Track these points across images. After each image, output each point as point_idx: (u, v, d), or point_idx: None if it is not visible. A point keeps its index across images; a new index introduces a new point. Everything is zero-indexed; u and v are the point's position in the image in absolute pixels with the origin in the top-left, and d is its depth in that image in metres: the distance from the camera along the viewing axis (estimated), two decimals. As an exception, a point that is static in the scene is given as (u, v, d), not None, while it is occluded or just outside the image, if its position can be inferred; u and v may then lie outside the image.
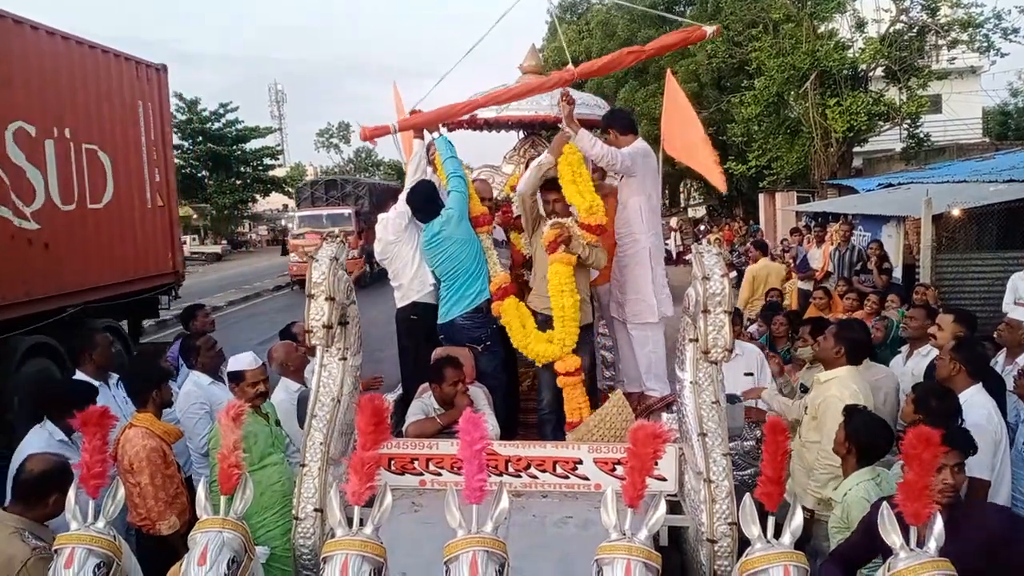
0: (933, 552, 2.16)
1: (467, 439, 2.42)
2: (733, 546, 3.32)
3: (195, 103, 39.47)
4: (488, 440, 2.45)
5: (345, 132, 68.55)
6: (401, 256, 5.29)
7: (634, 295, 5.17)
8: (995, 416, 4.04)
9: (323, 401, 3.82)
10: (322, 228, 23.27)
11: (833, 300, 8.47)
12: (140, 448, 4.08)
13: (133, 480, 4.06)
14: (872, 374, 4.85)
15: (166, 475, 4.17)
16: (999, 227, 12.15)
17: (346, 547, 2.35)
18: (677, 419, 4.05)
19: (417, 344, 5.28)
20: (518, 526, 3.72)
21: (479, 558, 2.27)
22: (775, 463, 2.38)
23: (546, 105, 5.60)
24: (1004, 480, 4.04)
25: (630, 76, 27.23)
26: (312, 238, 22.65)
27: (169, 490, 4.16)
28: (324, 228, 23.08)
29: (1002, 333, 5.27)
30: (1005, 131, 33.81)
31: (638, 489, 2.37)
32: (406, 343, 5.43)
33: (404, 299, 5.33)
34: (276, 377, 5.07)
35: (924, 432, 2.23)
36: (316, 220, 24.94)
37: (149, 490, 4.07)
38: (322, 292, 3.74)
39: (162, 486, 4.12)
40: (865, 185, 18.12)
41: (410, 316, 5.33)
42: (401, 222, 5.28)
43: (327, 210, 25.55)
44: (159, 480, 4.11)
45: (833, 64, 19.06)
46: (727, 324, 3.61)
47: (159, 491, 4.09)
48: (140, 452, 4.07)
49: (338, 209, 25.44)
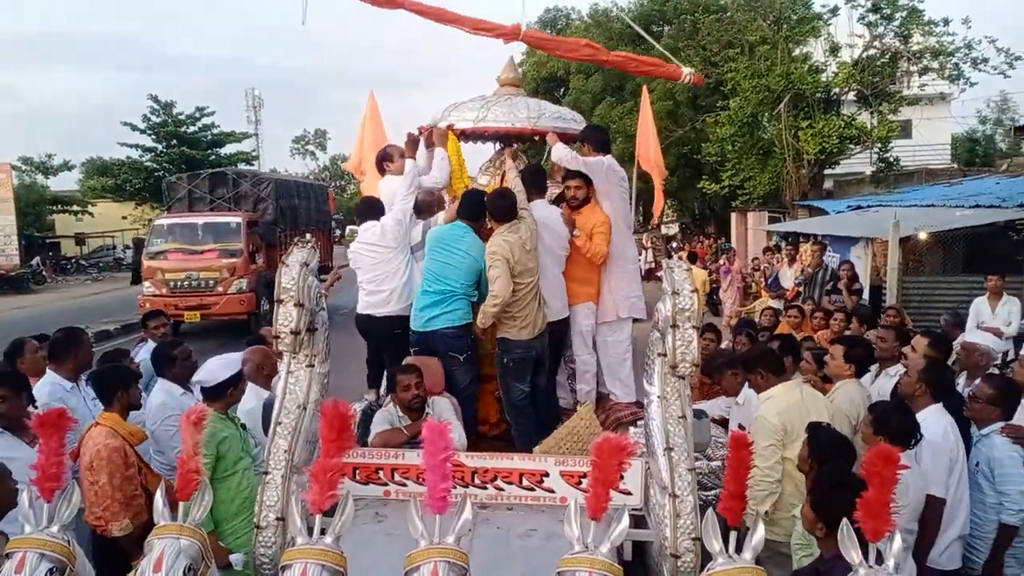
0: (891, 569, 2.18)
1: (431, 448, 2.40)
2: (696, 561, 3.33)
3: (170, 106, 39.07)
4: (452, 450, 2.43)
5: (322, 139, 68.48)
6: (391, 262, 5.23)
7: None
8: (952, 435, 4.11)
9: (288, 408, 3.78)
10: (196, 245, 16.55)
11: (805, 319, 8.57)
12: (102, 447, 4.02)
13: (92, 478, 3.99)
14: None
15: (125, 476, 4.10)
16: (965, 251, 12.41)
17: (305, 556, 2.32)
18: (644, 433, 4.06)
19: (404, 354, 5.25)
20: (483, 538, 3.70)
21: (440, 569, 2.25)
22: (737, 478, 2.39)
23: (523, 117, 5.61)
24: (963, 501, 4.09)
25: (607, 93, 27.46)
26: (178, 259, 16.30)
27: (126, 491, 4.09)
28: (199, 245, 16.53)
29: (960, 357, 5.37)
30: (973, 157, 34.54)
31: (602, 502, 2.37)
32: (396, 350, 5.34)
33: (383, 307, 5.25)
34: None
35: (884, 450, 2.26)
36: (187, 232, 16.82)
37: (107, 490, 4.00)
38: (291, 297, 3.71)
39: (119, 487, 4.04)
40: (835, 207, 18.37)
41: (395, 330, 5.26)
42: (400, 230, 5.23)
43: (205, 217, 17.39)
44: (117, 480, 4.04)
45: (807, 87, 19.36)
46: (695, 339, 3.64)
47: (116, 491, 4.02)
48: (102, 451, 4.01)
49: (222, 216, 17.36)
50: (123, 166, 39.17)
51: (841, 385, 4.91)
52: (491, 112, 5.57)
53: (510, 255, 4.71)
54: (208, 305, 15.93)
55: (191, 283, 16.09)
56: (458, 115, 5.65)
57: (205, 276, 16.09)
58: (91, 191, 42.31)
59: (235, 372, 4.37)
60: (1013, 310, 8.25)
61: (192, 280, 16.10)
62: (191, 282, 16.09)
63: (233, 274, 16.12)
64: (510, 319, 4.82)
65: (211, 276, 16.08)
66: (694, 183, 25.47)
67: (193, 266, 16.19)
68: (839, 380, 4.97)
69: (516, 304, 4.79)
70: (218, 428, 4.09)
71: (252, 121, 54.92)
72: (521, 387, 4.93)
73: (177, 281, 16.11)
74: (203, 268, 16.13)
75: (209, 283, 16.03)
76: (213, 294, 15.99)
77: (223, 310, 16.07)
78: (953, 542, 4.07)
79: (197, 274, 16.11)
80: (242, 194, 18.59)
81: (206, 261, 16.26)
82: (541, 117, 5.54)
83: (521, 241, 4.79)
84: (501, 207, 4.92)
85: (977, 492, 4.18)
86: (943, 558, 4.05)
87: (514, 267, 4.72)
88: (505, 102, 5.66)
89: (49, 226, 40.95)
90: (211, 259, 16.28)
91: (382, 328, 5.30)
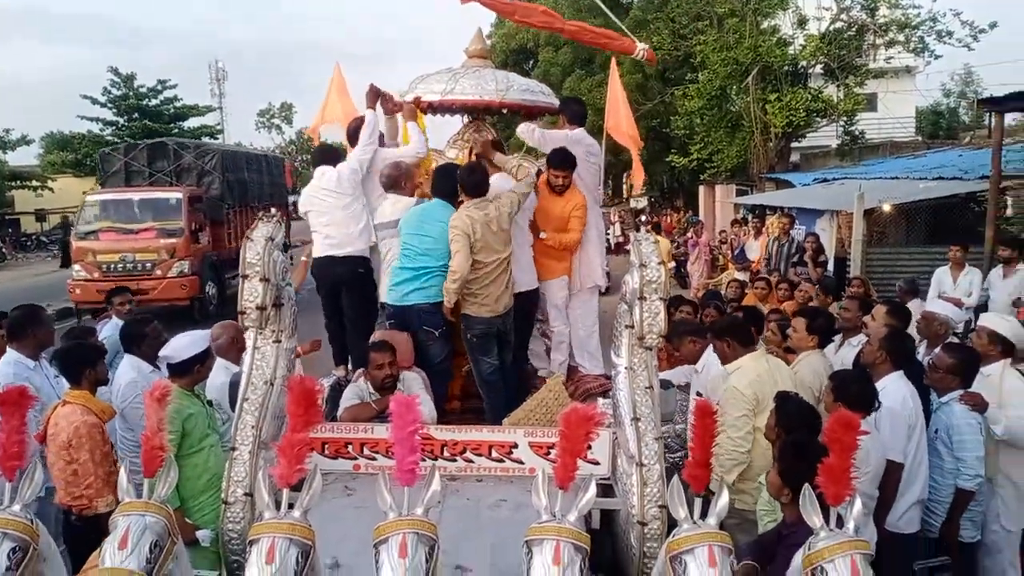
0: (852, 532, 2.23)
1: (399, 422, 2.41)
2: (663, 528, 3.38)
3: (131, 78, 38.20)
4: (420, 422, 2.44)
5: (288, 112, 67.32)
6: (348, 208, 5.21)
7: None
8: (911, 402, 4.19)
9: (255, 384, 3.77)
10: (132, 223, 15.07)
11: (772, 291, 8.67)
12: (80, 424, 3.97)
13: (71, 456, 3.95)
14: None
15: (104, 452, 4.07)
16: (927, 223, 12.61)
17: (273, 530, 2.32)
18: (612, 404, 4.10)
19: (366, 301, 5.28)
20: (452, 509, 3.74)
21: (409, 540, 2.26)
22: (703, 446, 2.43)
23: (491, 90, 5.58)
24: (920, 468, 4.18)
25: (577, 65, 27.33)
26: (112, 240, 14.78)
27: (107, 467, 4.06)
28: (135, 224, 15.06)
29: (919, 326, 5.48)
30: (937, 130, 35.00)
31: (569, 471, 2.39)
32: (361, 296, 5.36)
33: (345, 248, 5.22)
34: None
35: (844, 416, 2.31)
36: (122, 210, 15.32)
37: (89, 467, 3.96)
38: (256, 272, 3.68)
39: (101, 463, 4.01)
40: (801, 179, 18.58)
41: (358, 270, 5.26)
42: (356, 178, 5.22)
43: (142, 193, 15.87)
44: (98, 456, 4.00)
45: (774, 60, 19.45)
46: (662, 311, 3.68)
47: (98, 468, 3.98)
48: (80, 428, 3.96)
49: (161, 192, 15.87)
50: (83, 140, 38.25)
51: (804, 356, 4.99)
52: (459, 84, 5.53)
53: (471, 231, 4.67)
54: (145, 290, 13.95)
55: (126, 266, 14.53)
56: (425, 87, 5.60)
57: (142, 258, 14.61)
58: (51, 166, 41.27)
59: (202, 349, 4.33)
60: (974, 280, 8.41)
61: (127, 263, 14.57)
62: (126, 265, 14.54)
63: (173, 255, 14.68)
64: (471, 296, 4.82)
65: (148, 258, 14.61)
66: (663, 156, 25.54)
67: (128, 247, 14.68)
68: (802, 351, 5.04)
69: (477, 282, 4.78)
70: (184, 405, 4.06)
71: (216, 94, 54.10)
72: (489, 360, 4.95)
73: (110, 264, 14.61)
74: (139, 249, 14.67)
75: (146, 266, 14.58)
76: (151, 278, 14.47)
77: (162, 295, 14.50)
78: (912, 506, 4.17)
79: (133, 256, 14.61)
80: (185, 167, 16.94)
81: (143, 241, 14.76)
82: (509, 90, 5.51)
83: (487, 219, 4.76)
84: (470, 182, 4.90)
85: (936, 458, 4.28)
86: (902, 521, 4.15)
87: (475, 243, 4.69)
88: (473, 74, 5.62)
89: (8, 202, 39.96)
90: (148, 239, 14.77)
91: (345, 269, 5.26)
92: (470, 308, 4.86)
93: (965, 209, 12.35)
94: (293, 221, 18.94)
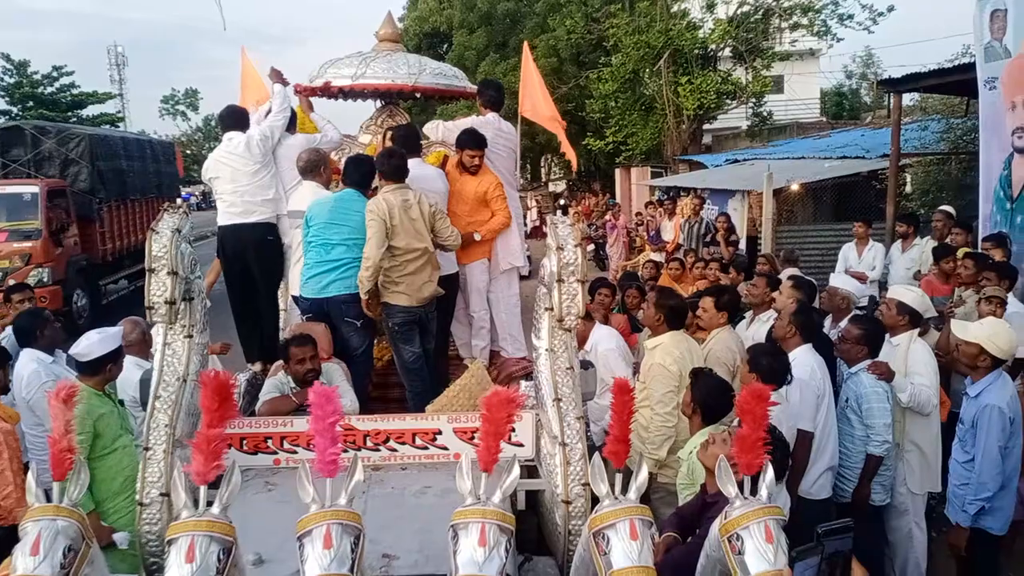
0: (765, 500, 2.31)
1: (319, 412, 2.37)
2: (586, 506, 3.44)
3: (24, 65, 36.22)
4: (340, 412, 2.40)
5: (193, 98, 65.03)
6: (257, 175, 5.09)
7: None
8: (819, 373, 4.37)
9: (168, 381, 3.65)
10: None
11: (685, 271, 8.88)
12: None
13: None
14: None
15: (19, 460, 3.90)
16: (833, 201, 13.12)
17: (192, 528, 2.26)
18: (534, 387, 4.14)
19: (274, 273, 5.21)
20: (378, 498, 3.72)
21: (333, 531, 2.23)
22: (621, 422, 2.47)
23: (403, 74, 5.52)
24: (830, 435, 4.37)
25: (491, 49, 27.23)
26: None
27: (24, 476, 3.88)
28: None
29: (823, 300, 5.70)
30: (840, 111, 36.34)
31: (492, 454, 2.40)
32: (272, 266, 5.28)
33: (251, 216, 5.11)
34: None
35: (756, 388, 2.38)
36: None
37: (7, 475, 3.78)
38: (164, 266, 3.56)
39: (19, 471, 3.83)
40: (713, 161, 19.05)
41: (267, 237, 5.16)
42: (266, 145, 5.08)
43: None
44: (16, 465, 3.83)
45: (685, 43, 19.84)
46: (580, 293, 3.72)
47: (17, 476, 3.80)
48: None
49: (14, 186, 13.21)
50: (-27, 131, 36.10)
51: (716, 333, 5.12)
52: (370, 68, 5.46)
53: (387, 215, 4.58)
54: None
55: None
56: (335, 72, 5.51)
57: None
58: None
59: (112, 348, 4.16)
60: (877, 255, 8.78)
61: None
62: None
63: (29, 262, 12.22)
64: (391, 283, 4.74)
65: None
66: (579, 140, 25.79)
67: None
68: (713, 329, 5.17)
69: (396, 269, 4.70)
70: (94, 405, 3.91)
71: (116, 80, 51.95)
72: (411, 349, 4.90)
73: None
74: None
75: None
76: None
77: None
78: (823, 473, 4.35)
79: None
80: (45, 155, 14.18)
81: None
82: (422, 73, 5.47)
83: (406, 204, 4.68)
84: (388, 167, 4.79)
85: (846, 426, 4.48)
86: (814, 488, 4.33)
87: (392, 228, 4.61)
88: (384, 58, 5.55)
89: None
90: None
91: (251, 238, 5.14)
92: (391, 296, 4.78)
93: (868, 187, 12.90)
94: (196, 213, 17.52)
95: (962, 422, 4.17)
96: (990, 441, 3.93)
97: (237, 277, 5.26)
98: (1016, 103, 7.27)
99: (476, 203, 5.26)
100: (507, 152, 5.61)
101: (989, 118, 7.95)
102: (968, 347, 4.07)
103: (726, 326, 5.16)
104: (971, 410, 4.08)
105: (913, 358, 4.67)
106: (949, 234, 7.79)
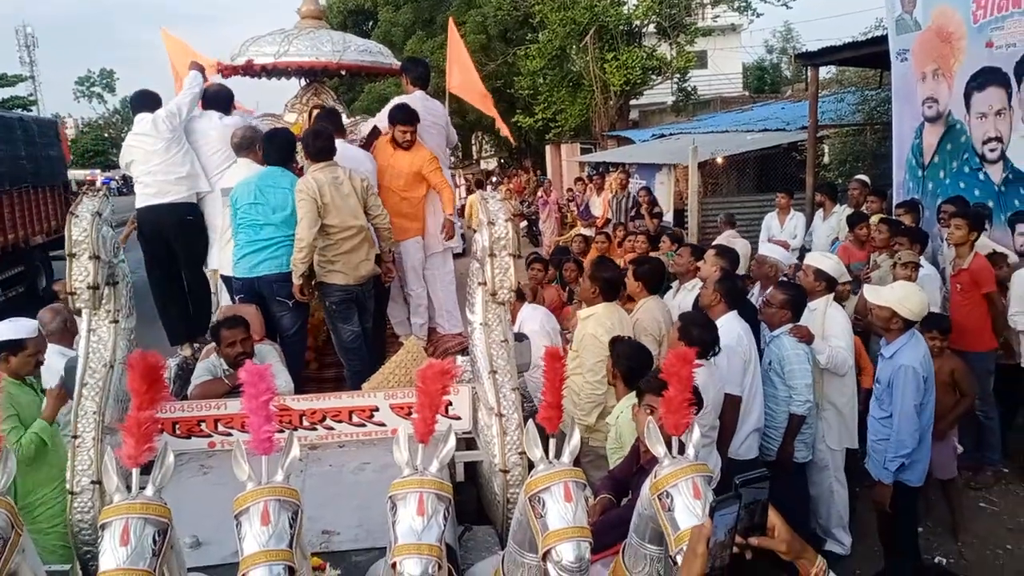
0: (692, 457, 2.40)
1: (251, 391, 2.35)
2: (523, 474, 3.50)
3: (-79, 47, 34.25)
4: (273, 390, 2.40)
5: (109, 79, 62.51)
6: (167, 152, 5.04)
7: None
8: (745, 339, 4.52)
9: (94, 368, 3.55)
10: None
11: (612, 244, 9.03)
12: None
13: None
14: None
15: None
16: (756, 172, 13.47)
17: (126, 511, 2.22)
18: (470, 361, 4.18)
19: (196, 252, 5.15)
20: (316, 476, 3.72)
21: (271, 507, 2.23)
22: (553, 389, 2.53)
23: (327, 52, 5.44)
24: (756, 399, 4.53)
25: (418, 26, 26.92)
26: None
27: None
28: None
29: (753, 268, 5.87)
30: (762, 85, 37.10)
31: (428, 425, 2.43)
32: (195, 248, 5.24)
33: (167, 196, 5.08)
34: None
35: (682, 352, 2.46)
36: None
37: None
38: (85, 250, 3.46)
39: None
40: (640, 136, 19.30)
41: (187, 217, 5.12)
42: (173, 121, 5.06)
43: None
44: None
45: (610, 20, 19.96)
46: (511, 266, 3.77)
47: None
48: None
49: None
50: None
51: (643, 303, 5.23)
52: (293, 46, 5.37)
53: (318, 195, 4.54)
54: None
55: None
56: (257, 50, 5.41)
57: None
58: None
59: (16, 337, 4.01)
60: (798, 224, 9.09)
61: None
62: None
63: None
64: (327, 263, 4.72)
65: None
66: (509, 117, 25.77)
67: None
68: (640, 299, 5.28)
69: (332, 248, 4.68)
70: (13, 394, 3.79)
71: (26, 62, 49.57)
72: (349, 328, 4.89)
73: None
74: None
75: None
76: None
77: None
78: (750, 434, 4.52)
79: None
80: None
81: None
82: (347, 50, 5.41)
83: (337, 182, 4.64)
84: (315, 147, 4.74)
85: (770, 388, 4.64)
86: (742, 449, 4.49)
87: (324, 206, 4.58)
88: (308, 36, 5.47)
89: None
90: None
91: (170, 219, 5.09)
92: (328, 276, 4.76)
93: (788, 158, 13.27)
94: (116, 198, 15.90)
95: (878, 381, 4.35)
96: (906, 401, 4.10)
97: (158, 259, 5.18)
98: (926, 74, 7.58)
99: (411, 178, 5.25)
100: (436, 129, 5.60)
101: (901, 89, 8.26)
102: (881, 311, 4.23)
103: (653, 296, 5.27)
104: (887, 370, 4.25)
105: (830, 322, 4.87)
106: (865, 202, 8.10)
